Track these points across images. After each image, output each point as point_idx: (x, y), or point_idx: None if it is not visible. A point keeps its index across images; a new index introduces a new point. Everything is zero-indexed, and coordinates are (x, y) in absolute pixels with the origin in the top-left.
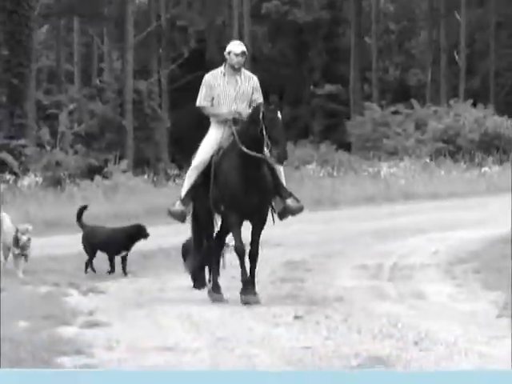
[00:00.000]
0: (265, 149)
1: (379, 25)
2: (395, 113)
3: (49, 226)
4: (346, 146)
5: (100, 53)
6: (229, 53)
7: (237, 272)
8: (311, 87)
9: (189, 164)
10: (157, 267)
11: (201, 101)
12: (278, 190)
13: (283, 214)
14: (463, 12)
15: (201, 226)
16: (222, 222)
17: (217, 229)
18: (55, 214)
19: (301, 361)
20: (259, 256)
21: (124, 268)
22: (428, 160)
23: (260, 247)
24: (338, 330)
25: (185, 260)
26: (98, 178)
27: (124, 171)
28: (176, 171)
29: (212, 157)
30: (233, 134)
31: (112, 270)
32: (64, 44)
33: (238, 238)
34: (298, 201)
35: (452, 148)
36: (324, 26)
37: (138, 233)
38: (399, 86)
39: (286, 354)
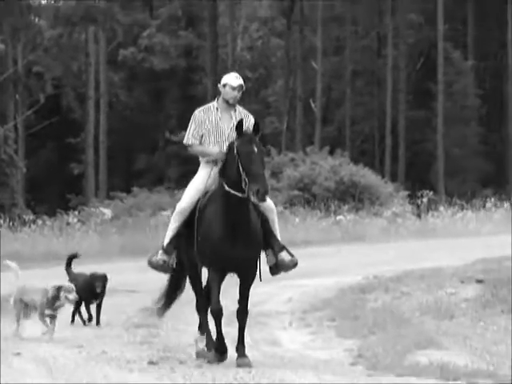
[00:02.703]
0: (244, 188)
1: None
2: None
3: None
4: None
5: None
6: (224, 85)
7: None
8: (167, 134)
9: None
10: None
11: (188, 138)
12: (271, 243)
13: (275, 269)
14: (319, 60)
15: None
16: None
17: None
18: None
19: None
20: (247, 315)
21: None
22: (282, 208)
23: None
24: (192, 377)
25: None
26: None
27: None
28: (32, 217)
29: (198, 200)
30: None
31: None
32: None
33: (214, 297)
34: (291, 255)
35: (307, 196)
36: (180, 74)
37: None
38: None
39: None
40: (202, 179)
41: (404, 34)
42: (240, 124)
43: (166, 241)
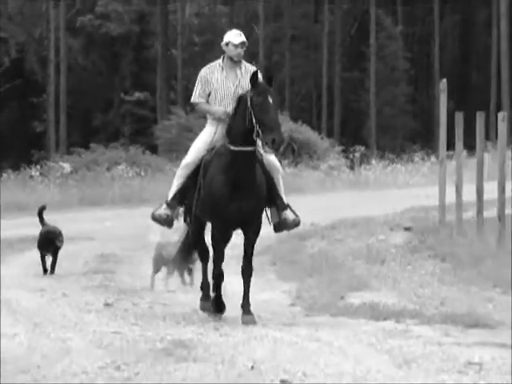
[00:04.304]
0: (256, 139)
1: (184, 37)
2: (199, 117)
3: None
4: (153, 149)
5: None
6: (227, 44)
7: None
8: (122, 94)
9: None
10: None
11: (195, 97)
12: (275, 201)
13: (278, 227)
14: (261, 26)
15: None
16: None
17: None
18: None
19: (111, 344)
20: (252, 273)
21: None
22: None
23: (254, 260)
24: (144, 317)
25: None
26: None
27: None
28: None
29: (203, 156)
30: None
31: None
32: None
33: (217, 259)
34: (295, 214)
35: None
36: (134, 38)
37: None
38: None
39: (97, 338)
40: (208, 136)
41: (339, 1)
42: (255, 75)
43: (170, 195)
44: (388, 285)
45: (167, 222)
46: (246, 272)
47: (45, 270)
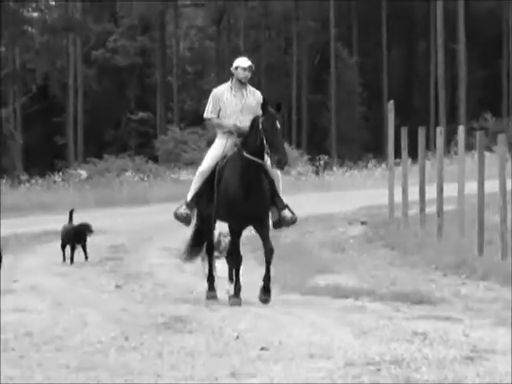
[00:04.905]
0: (265, 156)
1: (179, 67)
2: (192, 133)
3: None
4: (155, 159)
5: None
6: (236, 68)
7: None
8: (128, 114)
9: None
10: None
11: (208, 113)
12: (274, 201)
13: (277, 224)
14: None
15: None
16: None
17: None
18: None
19: (120, 319)
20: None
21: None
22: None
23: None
24: (148, 296)
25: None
26: None
27: None
28: (26, 177)
29: (217, 164)
30: (236, 144)
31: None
32: None
33: (235, 248)
34: (292, 213)
35: None
36: (137, 68)
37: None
38: (195, 114)
39: (109, 314)
40: (219, 147)
41: (305, 36)
42: (265, 102)
43: (189, 198)
44: (348, 269)
45: (186, 220)
46: (268, 254)
47: (72, 260)
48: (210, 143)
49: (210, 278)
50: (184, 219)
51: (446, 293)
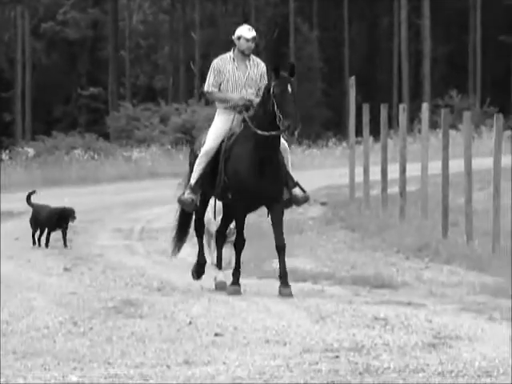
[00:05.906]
0: (278, 124)
1: (132, 41)
2: (144, 109)
3: None
4: (106, 136)
5: None
6: (238, 38)
7: None
8: (78, 89)
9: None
10: None
11: (209, 86)
12: (286, 179)
13: (288, 203)
14: (197, 31)
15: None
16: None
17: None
18: None
19: (69, 303)
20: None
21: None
22: (170, 147)
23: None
24: (98, 279)
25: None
26: None
27: None
28: None
29: (222, 142)
30: (244, 119)
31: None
32: None
33: (240, 230)
34: (304, 191)
35: (189, 137)
36: (89, 42)
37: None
38: (148, 89)
39: (57, 298)
40: (224, 123)
41: (264, 9)
42: (277, 67)
43: (193, 181)
44: (306, 252)
45: (191, 205)
46: (281, 246)
47: (39, 243)
48: (163, 120)
49: (200, 258)
50: (189, 205)
51: (408, 277)
